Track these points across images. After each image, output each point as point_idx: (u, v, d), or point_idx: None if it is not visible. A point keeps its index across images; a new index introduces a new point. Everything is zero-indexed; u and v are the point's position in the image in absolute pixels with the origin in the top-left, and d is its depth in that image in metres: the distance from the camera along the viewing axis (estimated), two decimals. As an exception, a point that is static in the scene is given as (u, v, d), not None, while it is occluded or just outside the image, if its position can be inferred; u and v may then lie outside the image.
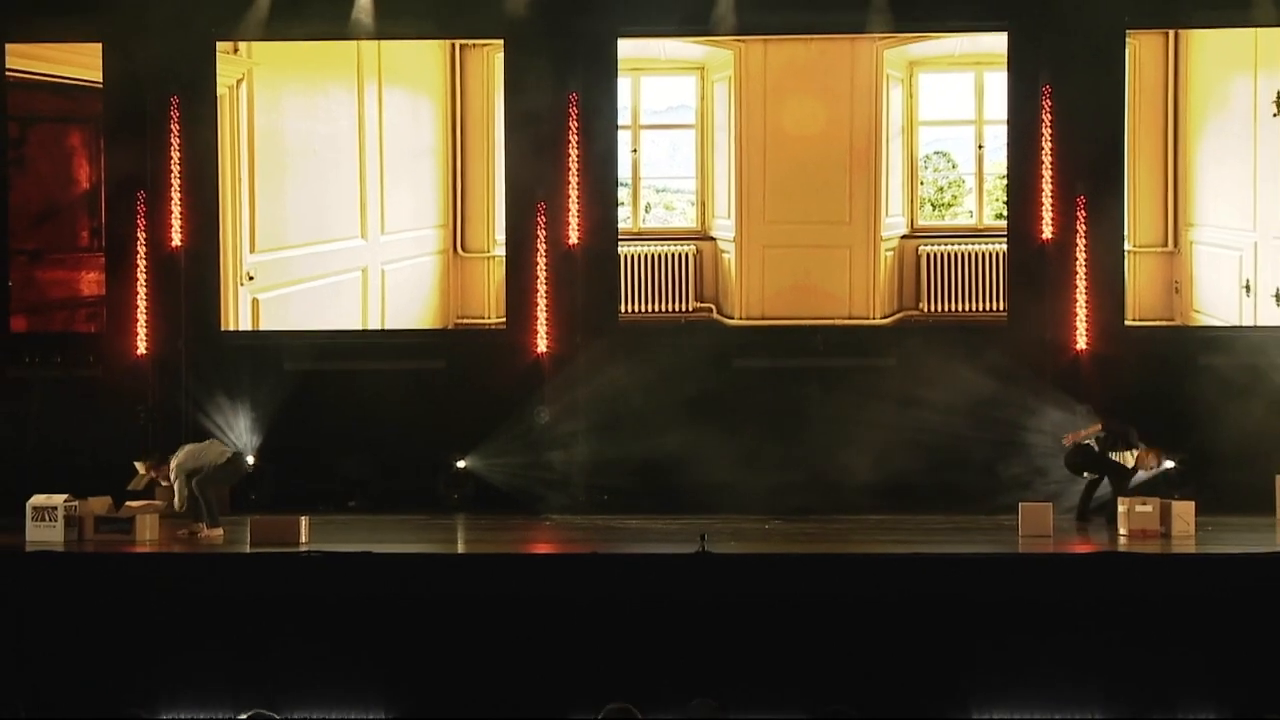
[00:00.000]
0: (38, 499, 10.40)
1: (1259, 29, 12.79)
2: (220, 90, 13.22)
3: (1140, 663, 8.77)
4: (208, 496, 10.78)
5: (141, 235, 13.15)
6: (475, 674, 8.94)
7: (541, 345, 13.10)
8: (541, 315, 13.09)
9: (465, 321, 13.32)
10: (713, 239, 13.30)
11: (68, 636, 9.06)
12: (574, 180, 13.04)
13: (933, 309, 13.13)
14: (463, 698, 8.93)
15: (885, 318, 13.17)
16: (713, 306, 13.30)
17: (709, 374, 12.76)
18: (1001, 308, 13.05)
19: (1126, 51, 12.89)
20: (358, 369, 12.89)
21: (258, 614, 9.09)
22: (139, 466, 12.13)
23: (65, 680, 8.98)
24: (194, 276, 13.17)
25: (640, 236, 13.29)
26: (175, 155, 13.14)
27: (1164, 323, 13.02)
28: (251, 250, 13.28)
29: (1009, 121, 12.97)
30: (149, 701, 8.94)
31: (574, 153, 13.03)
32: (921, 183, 13.21)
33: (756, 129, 13.13)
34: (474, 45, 13.24)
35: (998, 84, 13.03)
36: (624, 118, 13.20)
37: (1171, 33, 12.96)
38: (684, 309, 13.26)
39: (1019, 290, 12.96)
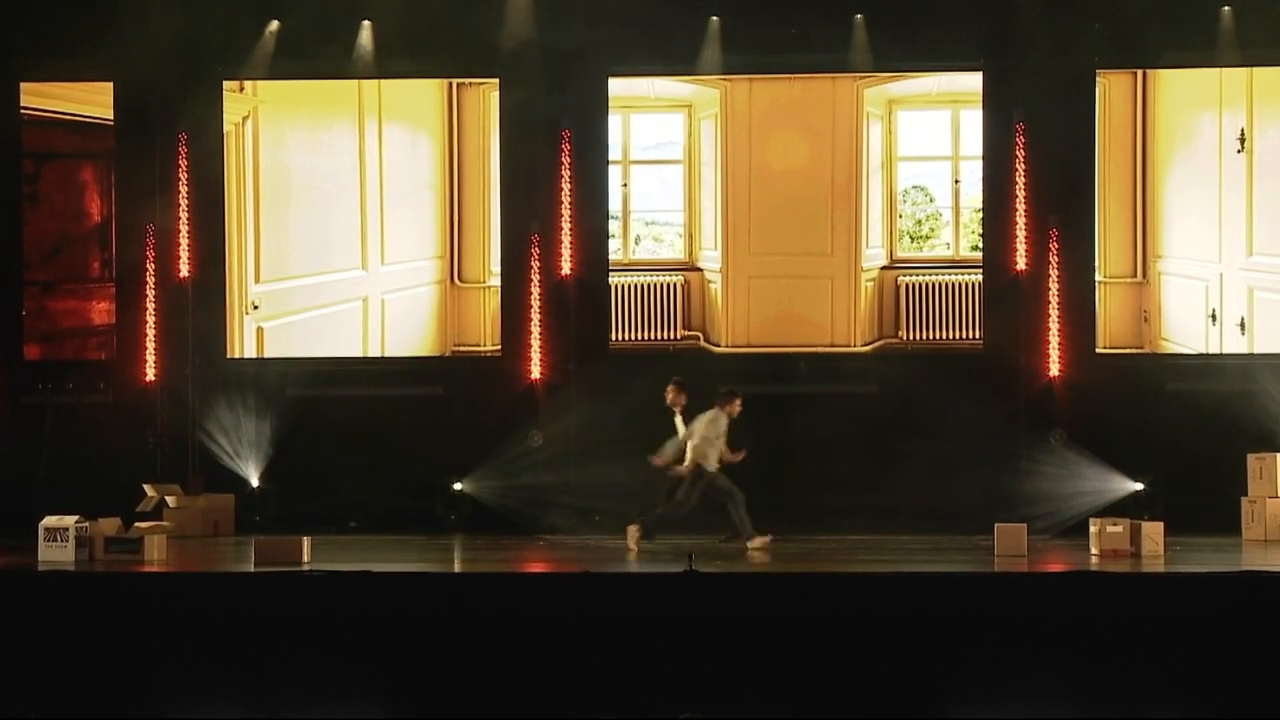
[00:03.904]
0: (49, 520, 10.45)
1: (1223, 69, 12.96)
2: (227, 127, 13.35)
3: (1111, 675, 8.90)
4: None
5: (150, 266, 13.27)
6: (471, 686, 9.04)
7: (535, 372, 13.23)
8: (535, 343, 13.22)
9: (462, 349, 13.44)
10: (700, 269, 13.44)
11: (79, 652, 9.17)
12: (567, 213, 13.19)
13: (911, 337, 13.28)
14: (459, 709, 9.04)
15: (866, 345, 13.31)
16: (700, 334, 13.45)
17: (695, 400, 13.03)
18: (977, 336, 13.21)
19: (1097, 90, 13.04)
20: (358, 395, 12.99)
21: (262, 630, 9.19)
22: (147, 489, 12.40)
23: (77, 694, 9.09)
24: (201, 306, 13.30)
25: (630, 267, 13.42)
26: (183, 189, 13.28)
27: (1133, 350, 13.17)
28: (256, 280, 13.40)
29: (984, 157, 13.14)
30: (158, 712, 9.08)
31: (567, 187, 13.19)
32: (900, 216, 13.37)
33: (742, 164, 13.29)
34: (471, 84, 13.40)
35: (973, 121, 13.20)
36: (615, 153, 13.35)
37: (1140, 72, 13.12)
38: (672, 337, 13.40)
39: (994, 319, 13.09)
